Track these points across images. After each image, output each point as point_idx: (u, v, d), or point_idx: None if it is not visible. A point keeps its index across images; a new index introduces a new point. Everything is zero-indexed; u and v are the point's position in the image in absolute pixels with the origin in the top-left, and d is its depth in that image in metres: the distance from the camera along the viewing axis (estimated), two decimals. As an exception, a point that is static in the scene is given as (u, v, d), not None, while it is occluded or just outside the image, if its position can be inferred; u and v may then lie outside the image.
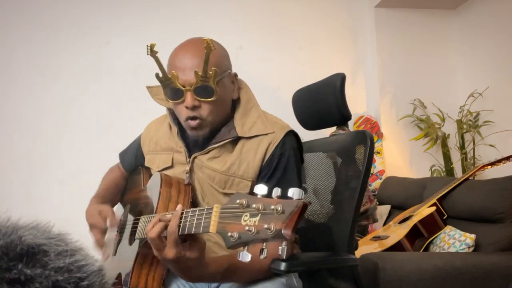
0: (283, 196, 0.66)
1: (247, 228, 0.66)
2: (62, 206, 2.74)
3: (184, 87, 1.06)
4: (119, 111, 3.09)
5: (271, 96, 2.90)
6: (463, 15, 3.49)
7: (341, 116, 1.43)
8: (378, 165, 3.32)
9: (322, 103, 1.48)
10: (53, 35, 3.09)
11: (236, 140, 1.15)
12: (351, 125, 3.41)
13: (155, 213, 1.08)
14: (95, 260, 0.47)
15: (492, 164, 2.49)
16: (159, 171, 1.21)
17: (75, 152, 3.02)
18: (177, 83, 1.07)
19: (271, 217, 0.64)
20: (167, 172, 1.20)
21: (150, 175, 1.28)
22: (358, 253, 1.79)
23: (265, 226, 0.64)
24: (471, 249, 2.08)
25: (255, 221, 0.66)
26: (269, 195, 0.68)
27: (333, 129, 2.27)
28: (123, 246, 1.28)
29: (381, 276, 1.75)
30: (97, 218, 1.22)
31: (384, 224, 2.79)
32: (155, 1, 3.24)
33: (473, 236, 2.09)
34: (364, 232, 2.80)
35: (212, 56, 1.03)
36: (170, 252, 0.87)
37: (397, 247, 2.18)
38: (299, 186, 1.15)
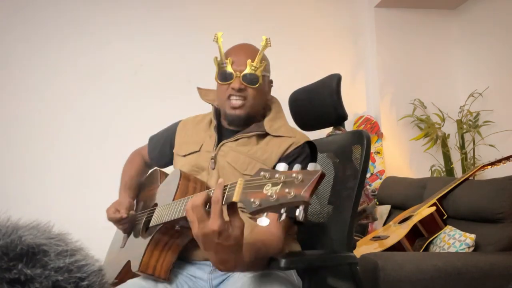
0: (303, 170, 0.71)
1: (268, 194, 0.70)
2: (62, 206, 2.75)
3: (235, 72, 1.27)
4: (119, 111, 3.09)
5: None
6: (463, 15, 3.49)
7: (338, 116, 1.44)
8: (378, 165, 3.32)
9: (319, 103, 1.48)
10: (53, 35, 3.09)
11: (262, 136, 1.30)
12: (351, 125, 3.41)
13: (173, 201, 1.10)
14: (95, 260, 0.47)
15: (492, 164, 2.49)
16: (184, 155, 1.34)
17: (75, 152, 3.03)
18: (230, 67, 1.28)
19: (292, 185, 0.68)
20: (192, 156, 1.33)
21: (166, 175, 1.34)
22: (358, 253, 1.80)
23: (286, 190, 0.68)
24: (471, 249, 2.08)
25: (276, 190, 0.69)
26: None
27: (329, 129, 2.28)
28: (135, 237, 1.31)
29: (381, 276, 1.75)
30: (112, 215, 1.35)
31: (384, 224, 2.78)
32: (156, 1, 3.25)
33: (473, 236, 2.09)
34: (364, 231, 2.81)
35: (264, 54, 1.30)
36: (214, 223, 0.82)
37: (397, 247, 2.19)
38: None
